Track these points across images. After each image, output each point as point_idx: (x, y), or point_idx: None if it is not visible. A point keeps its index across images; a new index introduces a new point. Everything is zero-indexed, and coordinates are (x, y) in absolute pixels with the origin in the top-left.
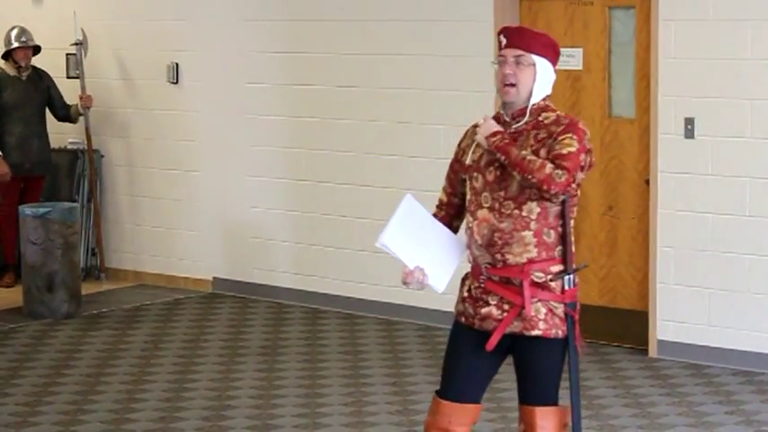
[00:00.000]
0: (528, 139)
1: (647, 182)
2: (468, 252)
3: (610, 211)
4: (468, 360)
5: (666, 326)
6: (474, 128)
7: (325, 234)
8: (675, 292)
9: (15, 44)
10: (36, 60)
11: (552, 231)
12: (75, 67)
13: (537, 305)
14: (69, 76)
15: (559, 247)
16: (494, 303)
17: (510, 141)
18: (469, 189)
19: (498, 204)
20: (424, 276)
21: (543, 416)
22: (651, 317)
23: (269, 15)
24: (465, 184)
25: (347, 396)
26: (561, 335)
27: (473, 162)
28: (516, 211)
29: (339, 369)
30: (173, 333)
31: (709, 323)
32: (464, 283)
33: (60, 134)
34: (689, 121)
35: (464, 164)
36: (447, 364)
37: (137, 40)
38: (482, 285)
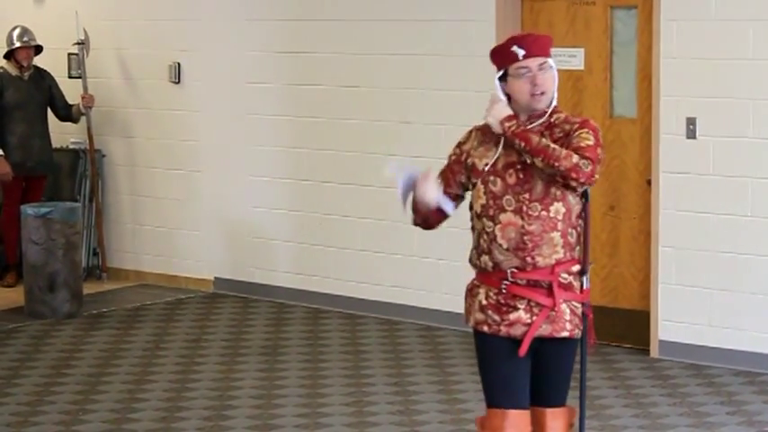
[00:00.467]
0: (544, 138)
1: (648, 182)
2: (486, 258)
3: (611, 210)
4: (505, 367)
5: (668, 326)
6: (476, 130)
7: (326, 234)
8: (677, 293)
9: (17, 44)
10: (38, 60)
11: (574, 231)
12: (77, 66)
13: (563, 306)
14: (71, 76)
15: (578, 247)
16: (522, 307)
17: (526, 129)
18: (485, 194)
19: (525, 207)
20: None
21: (554, 417)
22: (653, 317)
23: (271, 15)
24: (463, 187)
25: (348, 396)
26: (580, 334)
27: (489, 166)
28: (544, 213)
29: (340, 369)
30: (174, 333)
31: (711, 323)
32: (474, 292)
33: (62, 134)
34: (690, 121)
35: (472, 167)
36: (486, 376)
37: (138, 40)
38: (504, 291)
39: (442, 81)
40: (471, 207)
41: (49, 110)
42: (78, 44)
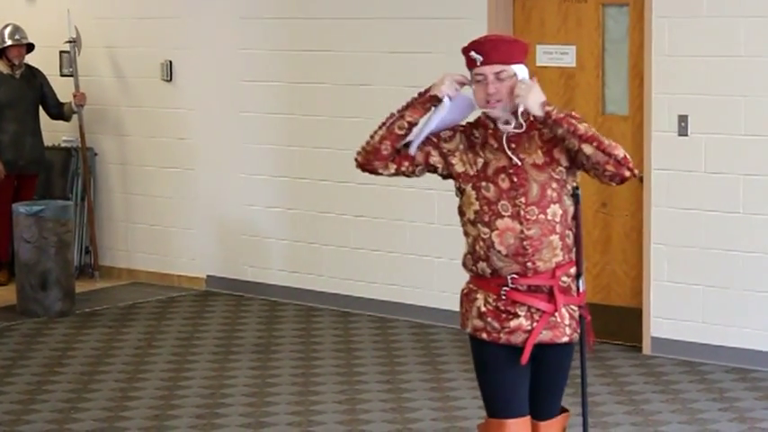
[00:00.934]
0: (533, 140)
1: (640, 179)
2: (483, 264)
3: (603, 208)
4: (504, 375)
5: (660, 323)
6: (461, 132)
7: (319, 232)
8: (669, 289)
9: (9, 42)
10: (30, 58)
11: (570, 233)
12: (69, 64)
13: (562, 310)
14: (63, 74)
15: (574, 249)
16: (523, 314)
17: (569, 113)
18: (477, 200)
19: (522, 211)
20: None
21: (548, 428)
22: (645, 314)
23: (264, 13)
24: (424, 156)
25: (341, 394)
26: (577, 337)
27: (477, 171)
28: (542, 216)
29: (333, 367)
30: (167, 331)
31: (703, 320)
32: (471, 297)
33: (54, 132)
34: (682, 119)
35: (461, 173)
36: (485, 385)
37: (130, 38)
38: (504, 297)
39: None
40: (461, 212)
41: (40, 108)
42: (70, 42)
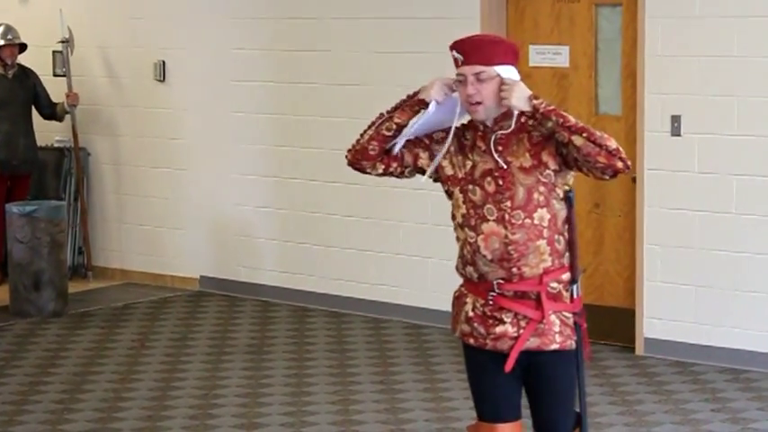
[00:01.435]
0: (522, 143)
1: (633, 179)
2: (471, 268)
3: (596, 208)
4: (492, 380)
5: (653, 323)
6: (463, 130)
7: (312, 232)
8: (662, 290)
9: (1, 42)
10: (22, 58)
11: (561, 238)
12: (62, 64)
13: (552, 317)
14: (56, 74)
15: (567, 254)
16: (509, 321)
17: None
18: (464, 203)
19: (507, 215)
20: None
21: None
22: (638, 314)
23: (256, 13)
24: (413, 158)
25: (334, 395)
26: (574, 345)
27: (465, 174)
28: (528, 221)
29: (326, 367)
30: (160, 331)
31: (696, 321)
32: (461, 301)
33: (47, 132)
34: (675, 119)
35: (450, 176)
36: (474, 388)
37: (123, 38)
38: (491, 303)
39: (427, 79)
40: (452, 216)
41: (33, 108)
42: (63, 42)
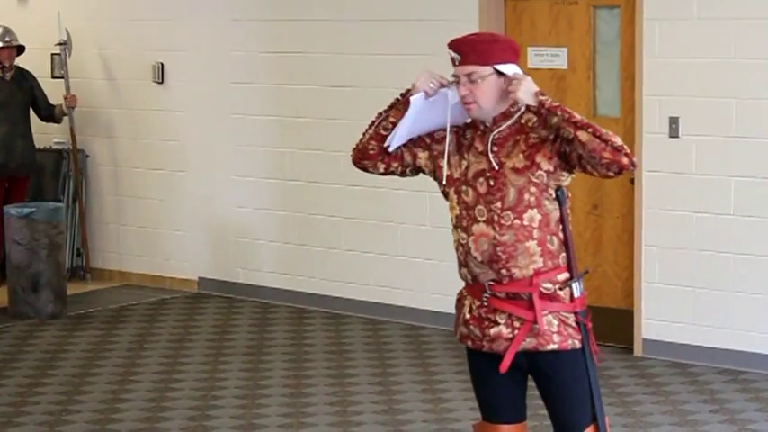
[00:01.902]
0: (518, 144)
1: (631, 181)
2: (465, 270)
3: (595, 210)
4: (493, 382)
5: (651, 325)
6: (454, 133)
7: (310, 234)
8: (660, 291)
9: None
10: (20, 60)
11: (555, 238)
12: (60, 67)
13: (548, 317)
14: (54, 77)
15: (563, 254)
16: (503, 322)
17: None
18: (457, 204)
19: (496, 216)
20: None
21: None
22: (636, 316)
23: (255, 15)
24: (412, 157)
25: (332, 396)
26: (578, 345)
27: (460, 174)
28: (517, 222)
29: (324, 369)
30: (158, 333)
31: (694, 322)
32: (461, 304)
33: (45, 134)
34: (673, 121)
35: (447, 177)
36: (476, 389)
37: (121, 40)
38: (485, 304)
39: None
40: (450, 218)
41: (31, 110)
42: (60, 44)
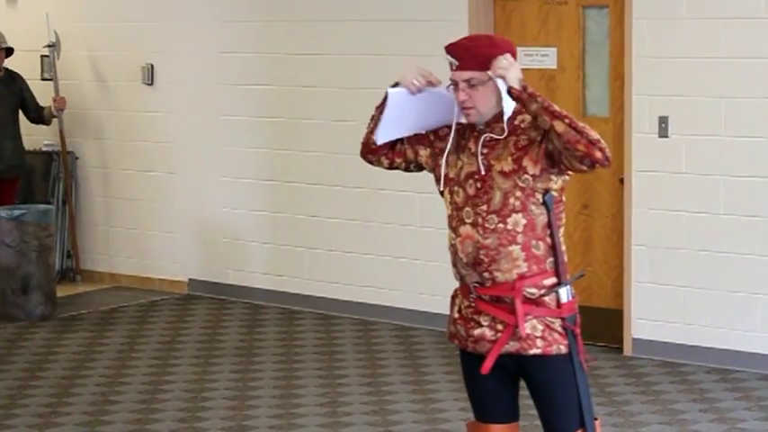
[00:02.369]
0: (507, 146)
1: (621, 180)
2: (455, 270)
3: (584, 209)
4: (481, 382)
5: (641, 324)
6: (465, 128)
7: (300, 235)
8: (650, 291)
9: None
10: (10, 62)
11: (541, 243)
12: (49, 69)
13: (533, 322)
14: (43, 78)
15: (551, 259)
16: (486, 324)
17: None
18: (450, 204)
19: (481, 219)
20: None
21: None
22: (626, 315)
23: (244, 16)
24: (414, 153)
25: (322, 397)
26: (564, 350)
27: (455, 175)
28: (501, 225)
29: (314, 370)
30: (148, 335)
31: (684, 321)
32: (453, 301)
33: (35, 136)
34: (663, 120)
35: (443, 176)
36: (469, 390)
37: (111, 42)
38: (472, 305)
39: None
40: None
41: (20, 112)
42: (49, 46)
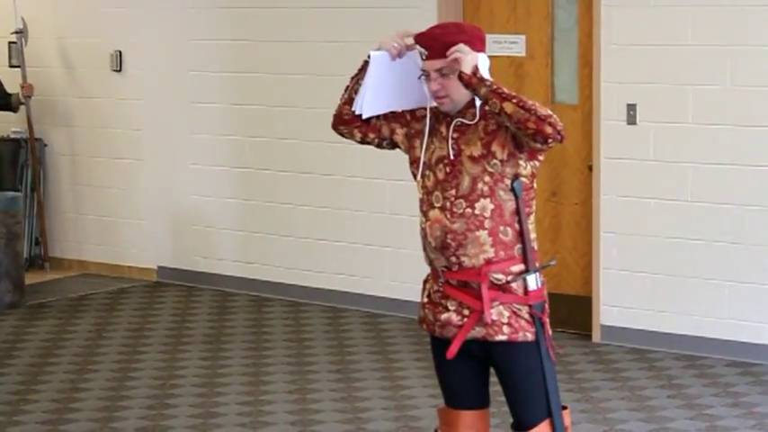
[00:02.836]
0: (476, 131)
1: (589, 167)
2: (425, 254)
3: (553, 196)
4: (450, 367)
5: (610, 311)
6: (439, 112)
7: (269, 222)
8: (619, 278)
9: None
10: None
11: (509, 229)
12: (17, 55)
13: (499, 309)
14: (11, 65)
15: (519, 246)
16: (453, 309)
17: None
18: (421, 188)
19: (449, 204)
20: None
21: None
22: (595, 302)
23: (212, 3)
24: (390, 131)
25: (292, 384)
26: (531, 338)
27: (426, 158)
28: (468, 210)
29: (284, 357)
30: (117, 322)
31: (652, 308)
32: (425, 286)
33: (2, 123)
34: (631, 107)
35: (415, 159)
36: (438, 375)
37: (79, 29)
38: (441, 289)
39: None
40: None
41: None
42: (17, 33)
